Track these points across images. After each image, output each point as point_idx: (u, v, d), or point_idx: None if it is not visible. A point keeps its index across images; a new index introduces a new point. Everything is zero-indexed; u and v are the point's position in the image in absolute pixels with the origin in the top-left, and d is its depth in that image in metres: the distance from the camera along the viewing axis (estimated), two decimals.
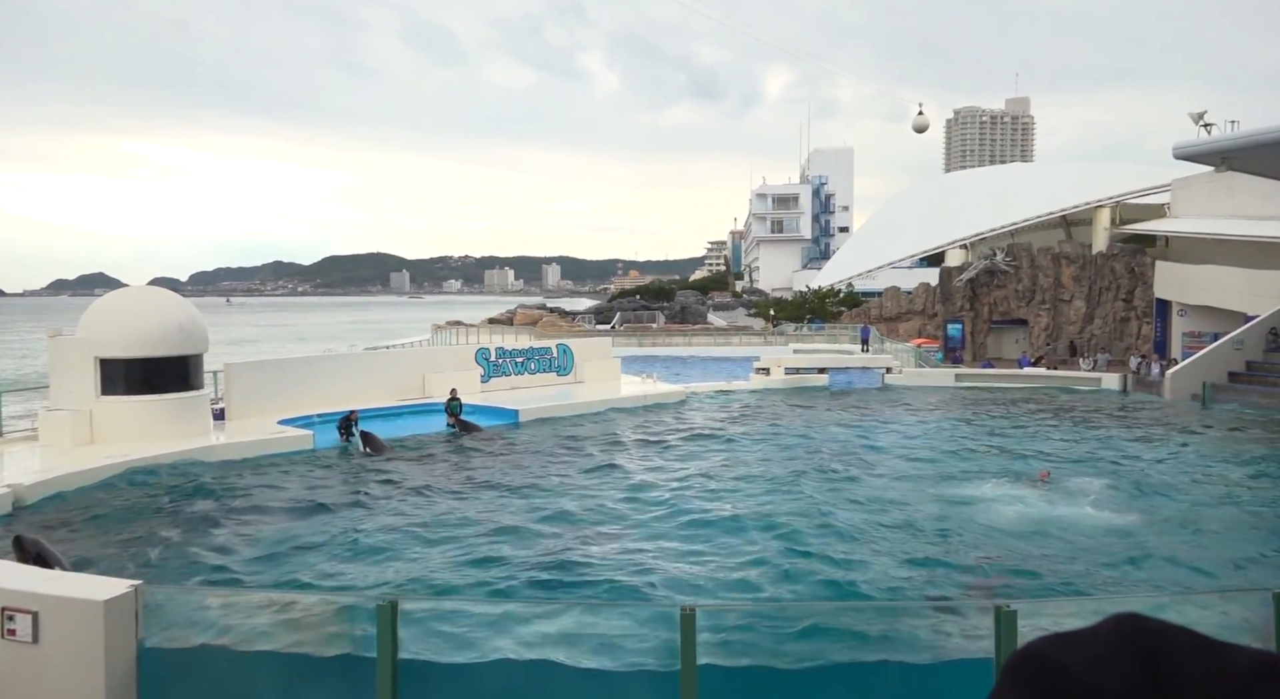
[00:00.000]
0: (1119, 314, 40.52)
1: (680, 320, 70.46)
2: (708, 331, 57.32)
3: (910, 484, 15.12)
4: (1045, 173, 59.68)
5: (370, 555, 11.01)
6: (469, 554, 10.97)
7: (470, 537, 11.78)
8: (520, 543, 11.50)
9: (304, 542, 11.62)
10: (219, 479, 15.49)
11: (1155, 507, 13.49)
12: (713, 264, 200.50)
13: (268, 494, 14.37)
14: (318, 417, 20.81)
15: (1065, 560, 10.70)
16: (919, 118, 55.66)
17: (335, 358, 24.90)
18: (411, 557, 10.96)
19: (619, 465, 16.83)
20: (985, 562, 10.76)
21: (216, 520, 12.65)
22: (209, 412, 19.41)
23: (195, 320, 18.66)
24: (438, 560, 10.77)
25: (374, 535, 11.86)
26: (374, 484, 15.16)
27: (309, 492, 14.59)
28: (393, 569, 10.45)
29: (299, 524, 12.52)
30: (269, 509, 13.35)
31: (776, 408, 25.32)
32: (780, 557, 10.78)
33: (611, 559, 10.80)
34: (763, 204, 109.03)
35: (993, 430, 21.16)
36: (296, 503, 13.76)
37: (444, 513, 13.10)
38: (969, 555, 10.99)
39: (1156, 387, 29.41)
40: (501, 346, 28.80)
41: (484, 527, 12.31)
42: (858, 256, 63.14)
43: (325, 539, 11.73)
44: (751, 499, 13.88)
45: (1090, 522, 12.53)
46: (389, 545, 11.43)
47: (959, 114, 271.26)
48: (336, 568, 10.50)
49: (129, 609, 6.52)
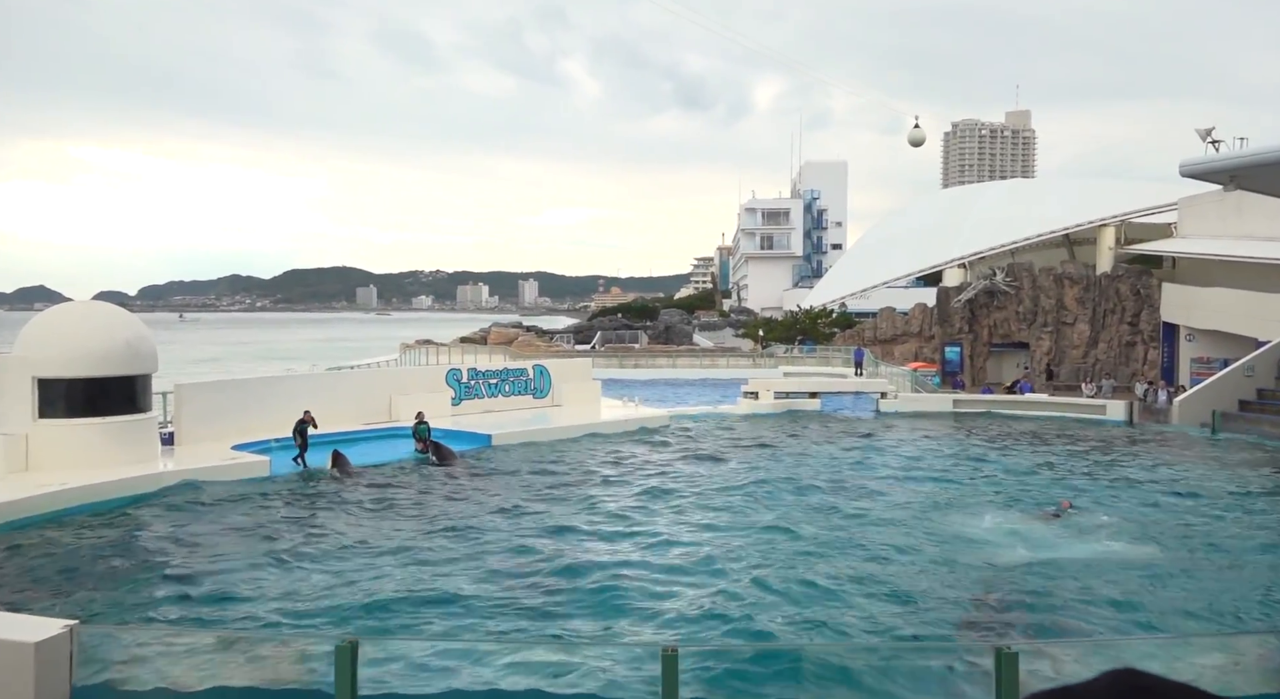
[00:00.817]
0: (1124, 338, 40.98)
1: (664, 341, 70.58)
2: (693, 353, 57.42)
3: (906, 517, 15.12)
4: (1047, 189, 60.50)
5: (329, 591, 10.85)
6: (436, 589, 10.83)
7: (437, 571, 11.64)
8: (492, 577, 11.37)
9: (258, 576, 11.43)
10: (167, 509, 15.26)
11: (1164, 542, 13.56)
12: (699, 282, 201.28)
13: (220, 524, 14.16)
14: (275, 441, 20.62)
15: (1068, 599, 10.71)
16: (915, 131, 56.34)
17: (295, 378, 24.71)
18: (374, 592, 10.80)
19: (597, 495, 16.74)
20: (984, 600, 10.76)
21: (163, 553, 12.44)
22: (157, 436, 19.16)
23: (143, 337, 18.45)
24: (402, 597, 10.62)
25: (333, 569, 11.70)
26: (334, 514, 14.98)
27: (265, 522, 14.40)
28: (353, 606, 10.30)
29: (253, 557, 12.32)
30: (221, 541, 13.14)
31: (766, 434, 25.34)
32: (765, 595, 10.73)
33: (588, 595, 10.71)
34: (752, 219, 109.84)
35: (992, 460, 21.27)
36: (251, 534, 13.56)
37: (409, 544, 12.95)
38: (967, 593, 10.99)
39: (1164, 415, 29.73)
40: (474, 367, 28.73)
41: (452, 559, 12.17)
42: (851, 275, 63.55)
43: (281, 574, 11.55)
44: (738, 532, 13.83)
45: (1095, 558, 12.58)
46: (350, 580, 11.27)
47: (957, 127, 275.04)
48: (293, 605, 10.33)
49: (63, 651, 6.37)
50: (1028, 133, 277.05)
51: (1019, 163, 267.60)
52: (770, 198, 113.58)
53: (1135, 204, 47.27)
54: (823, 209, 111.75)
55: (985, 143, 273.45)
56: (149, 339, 18.70)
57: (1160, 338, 39.18)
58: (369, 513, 15.13)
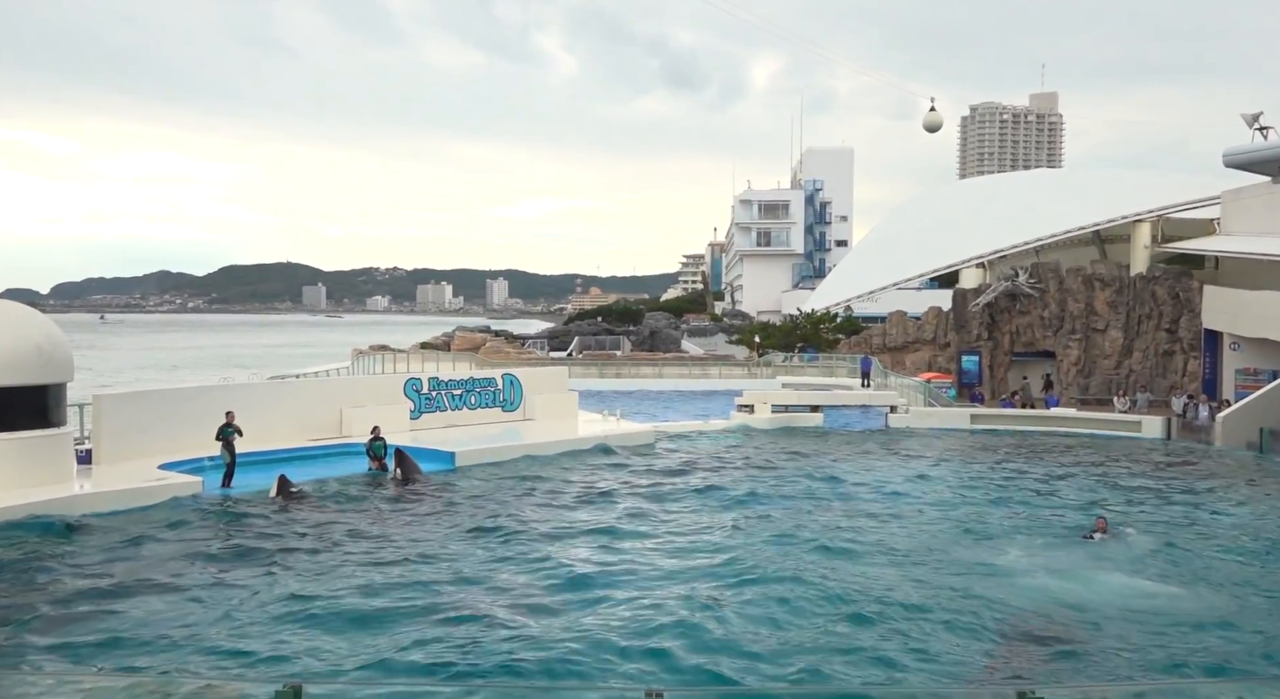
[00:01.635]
0: (1161, 347, 41.32)
1: (649, 348, 70.58)
2: (681, 361, 57.42)
3: (920, 546, 15.15)
4: (1075, 181, 60.97)
5: (270, 629, 10.74)
6: (389, 629, 10.75)
7: (392, 607, 11.55)
8: (453, 614, 11.29)
9: (188, 613, 11.30)
10: (83, 537, 15.07)
11: (1203, 577, 13.65)
12: (688, 282, 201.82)
13: (145, 555, 14.01)
14: (209, 459, 20.44)
15: (1097, 638, 10.76)
16: (930, 115, 56.66)
17: (232, 388, 24.52)
18: (319, 631, 10.70)
19: (573, 522, 16.69)
20: (1007, 640, 10.77)
21: (79, 589, 12.28)
22: (72, 453, 18.97)
23: (57, 342, 18.24)
24: (350, 636, 10.54)
25: (276, 606, 11.59)
26: (275, 542, 14.84)
27: (196, 552, 14.24)
28: (296, 646, 10.20)
29: (183, 592, 12.18)
30: (146, 574, 12.98)
31: (761, 452, 25.35)
32: (760, 634, 10.70)
33: (559, 635, 10.64)
34: (747, 212, 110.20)
35: (1015, 482, 21.35)
36: (180, 565, 13.42)
37: (362, 578, 12.85)
38: (988, 632, 11.00)
39: (1205, 432, 29.94)
40: (436, 377, 28.62)
41: (409, 594, 12.08)
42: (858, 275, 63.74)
43: (215, 610, 11.42)
44: (730, 565, 13.80)
45: (1126, 593, 12.63)
46: (292, 616, 11.16)
47: (976, 111, 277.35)
48: (229, 645, 10.22)
49: None
50: (1054, 117, 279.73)
51: (1044, 151, 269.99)
52: (768, 189, 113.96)
53: (1174, 198, 47.63)
54: (826, 201, 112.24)
55: (1007, 128, 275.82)
56: (63, 344, 18.48)
57: (1201, 347, 39.47)
58: (315, 541, 14.99)
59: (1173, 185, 50.43)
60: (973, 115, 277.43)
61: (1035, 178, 71.69)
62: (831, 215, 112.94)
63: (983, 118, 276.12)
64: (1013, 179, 70.42)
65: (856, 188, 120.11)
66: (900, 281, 56.65)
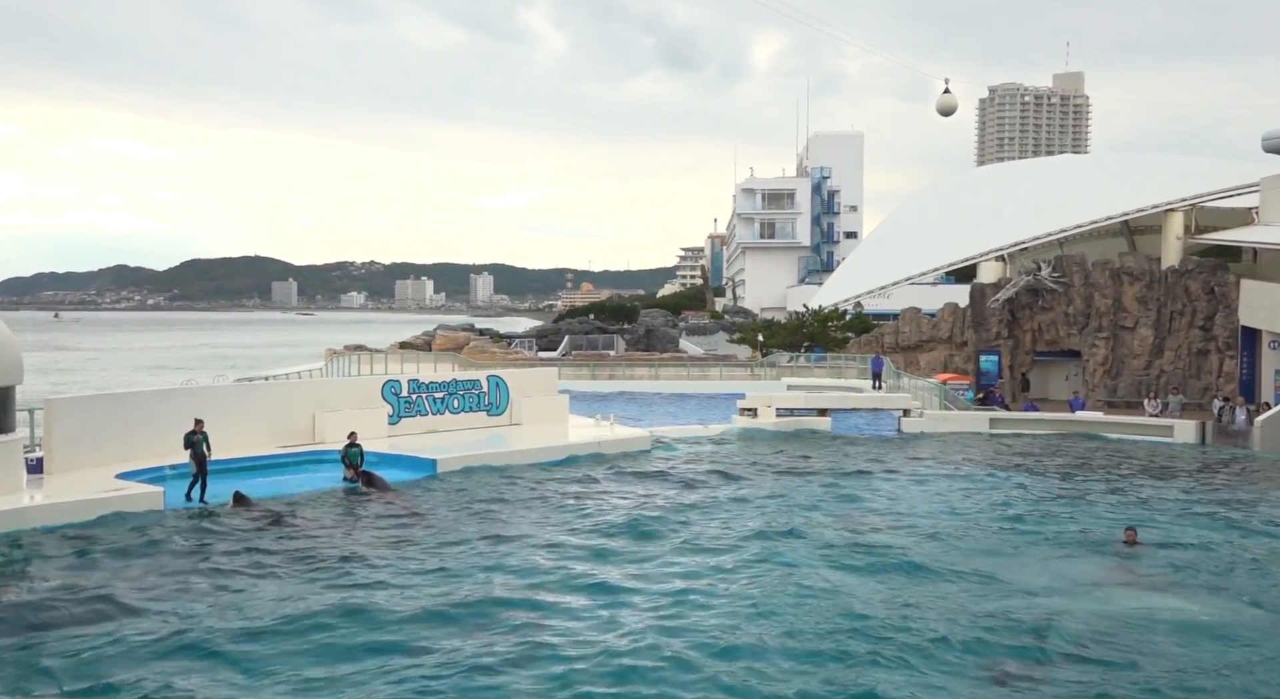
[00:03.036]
0: (1195, 345, 41.32)
1: (645, 347, 70.52)
2: (679, 362, 57.36)
3: (933, 561, 15.11)
4: (1102, 167, 61.04)
5: (236, 656, 10.68)
6: (361, 658, 10.71)
7: (366, 633, 11.51)
8: (432, 642, 11.26)
9: (147, 637, 11.23)
10: (33, 552, 14.97)
11: (1244, 596, 13.62)
12: (687, 277, 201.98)
13: (102, 573, 13.92)
14: (171, 468, 20.34)
15: (1127, 665, 10.74)
16: (944, 97, 56.65)
17: (196, 392, 24.43)
18: (290, 658, 10.65)
19: (564, 537, 16.63)
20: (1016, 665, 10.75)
21: (29, 609, 12.19)
22: (21, 462, 18.86)
23: (4, 341, 18.19)
24: (322, 664, 10.49)
25: (244, 628, 11.52)
26: (241, 560, 14.77)
27: (157, 570, 14.18)
28: (264, 676, 10.14)
29: (142, 614, 12.12)
30: (102, 594, 12.90)
31: (765, 459, 25.31)
32: (759, 664, 10.64)
33: (542, 668, 10.60)
34: (750, 202, 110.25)
35: (1038, 491, 21.31)
36: (140, 585, 13.34)
37: (334, 600, 12.78)
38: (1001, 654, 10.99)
39: (1242, 437, 29.96)
40: (416, 379, 28.55)
41: (385, 621, 12.02)
42: (868, 269, 63.72)
43: (176, 635, 11.35)
44: (731, 587, 13.78)
45: (1159, 615, 12.57)
46: (259, 641, 11.11)
47: (995, 92, 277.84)
48: (187, 673, 10.17)
49: None
50: (1079, 99, 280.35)
51: (1069, 135, 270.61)
52: (772, 177, 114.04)
53: (1209, 185, 47.66)
54: (834, 190, 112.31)
55: (1029, 111, 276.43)
56: (12, 343, 18.43)
57: (1238, 345, 39.46)
58: (282, 562, 14.90)
59: (1207, 172, 50.43)
60: (992, 97, 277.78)
61: (1059, 164, 71.73)
62: (840, 205, 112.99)
63: (1002, 100, 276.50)
64: (1035, 166, 70.46)
65: (867, 175, 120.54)
66: (914, 276, 56.63)
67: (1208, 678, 10.41)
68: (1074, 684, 10.16)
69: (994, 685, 10.13)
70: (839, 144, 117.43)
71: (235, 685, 9.89)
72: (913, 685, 9.96)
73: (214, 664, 10.41)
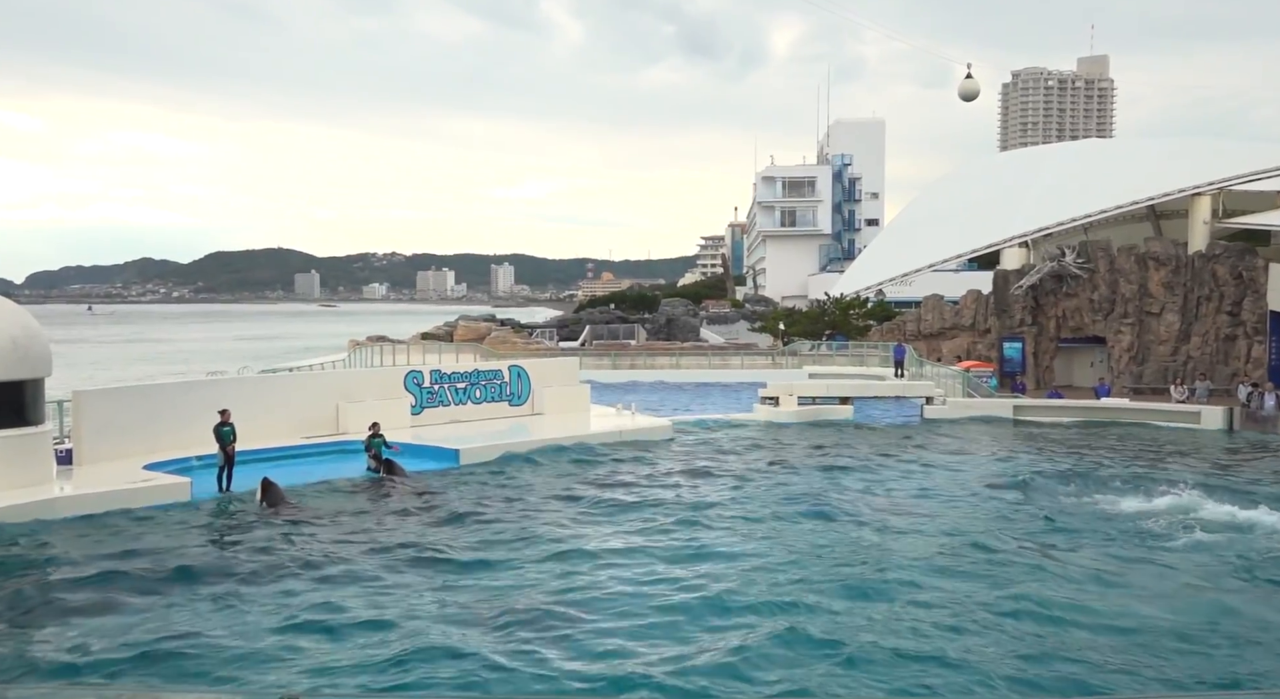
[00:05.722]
0: (1222, 331, 40.95)
1: (666, 336, 70.62)
2: (700, 351, 57.41)
3: (962, 550, 15.08)
4: (1128, 152, 60.51)
5: (262, 642, 10.78)
6: (386, 643, 10.78)
7: (390, 621, 11.58)
8: (454, 631, 11.32)
9: (178, 626, 11.35)
10: (64, 543, 15.15)
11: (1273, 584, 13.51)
12: (707, 266, 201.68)
13: (130, 563, 14.06)
14: (198, 459, 20.55)
15: (1151, 652, 10.69)
16: (966, 82, 56.34)
17: (221, 383, 24.63)
18: (314, 645, 10.74)
19: (584, 527, 16.68)
20: None
21: (60, 599, 12.35)
22: (51, 454, 19.07)
23: (33, 334, 18.32)
24: (348, 651, 10.57)
25: (274, 616, 11.64)
26: (268, 549, 14.89)
27: (184, 559, 14.30)
28: (290, 662, 10.24)
29: (171, 602, 12.25)
30: (131, 583, 13.05)
31: (787, 448, 25.30)
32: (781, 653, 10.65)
33: (568, 656, 10.64)
34: (770, 190, 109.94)
35: (1066, 481, 21.16)
36: (167, 574, 13.47)
37: (357, 589, 12.89)
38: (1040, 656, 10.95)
39: (1271, 423, 29.70)
40: (438, 369, 28.67)
41: (407, 609, 12.11)
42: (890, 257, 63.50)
43: (205, 622, 11.49)
44: (754, 577, 13.79)
45: (1185, 604, 12.48)
46: (286, 627, 11.22)
47: (1018, 77, 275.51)
48: (219, 660, 10.28)
49: None
50: (1104, 83, 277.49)
51: (1093, 119, 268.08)
52: (792, 164, 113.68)
53: (1237, 168, 47.18)
54: (855, 178, 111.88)
55: (1053, 95, 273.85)
56: (40, 336, 18.56)
57: (1267, 331, 39.12)
58: (309, 549, 15.03)
59: (1235, 155, 49.91)
60: (1015, 82, 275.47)
61: (1083, 149, 71.12)
62: (861, 192, 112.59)
63: (1026, 84, 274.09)
64: (1059, 151, 69.86)
65: (888, 162, 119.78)
66: (936, 263, 56.40)
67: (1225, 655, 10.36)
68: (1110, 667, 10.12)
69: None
70: (860, 131, 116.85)
71: (275, 663, 9.98)
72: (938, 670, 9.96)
73: (252, 646, 10.51)
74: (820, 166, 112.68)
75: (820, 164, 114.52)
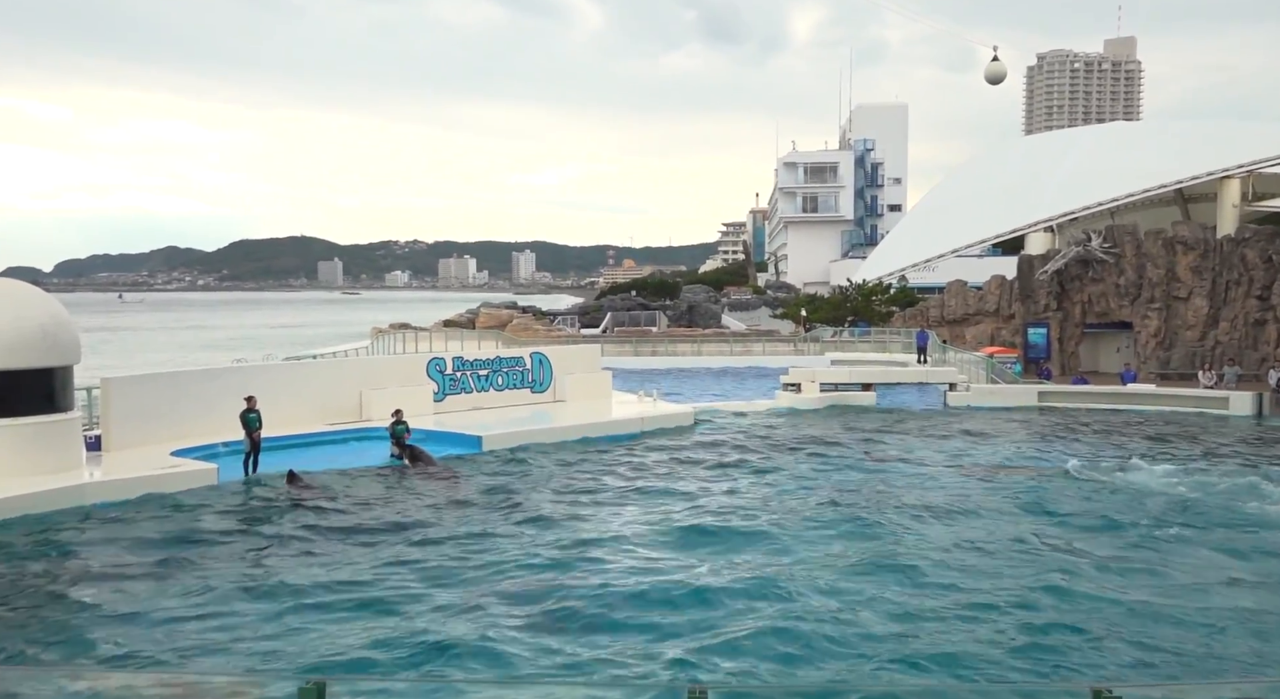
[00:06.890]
0: (1251, 316, 40.56)
1: (687, 323, 70.57)
2: (722, 337, 57.35)
3: (988, 536, 15.08)
4: (1155, 135, 59.97)
5: (291, 624, 10.94)
6: (410, 623, 10.90)
7: (414, 602, 11.71)
8: (476, 611, 11.44)
9: (205, 608, 11.53)
10: (94, 528, 15.38)
11: None
12: (728, 252, 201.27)
13: (158, 547, 14.27)
14: (224, 445, 20.76)
15: (1178, 639, 10.68)
16: (992, 65, 55.96)
17: (246, 370, 24.83)
18: (340, 627, 10.87)
19: (608, 515, 16.76)
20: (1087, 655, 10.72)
21: (90, 582, 12.57)
22: (80, 440, 19.32)
23: (62, 322, 18.55)
24: (374, 632, 10.69)
25: (294, 600, 11.79)
26: (293, 533, 15.06)
27: (211, 543, 14.50)
28: (318, 642, 10.38)
29: (198, 585, 12.41)
30: (159, 567, 13.25)
31: (809, 434, 25.29)
32: (805, 628, 10.72)
33: (591, 641, 10.74)
34: (792, 175, 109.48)
35: (1094, 468, 21.08)
36: (195, 558, 13.67)
37: (383, 570, 13.03)
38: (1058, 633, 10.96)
39: None
40: (461, 356, 28.80)
41: (433, 590, 12.24)
42: (913, 242, 63.28)
43: (233, 604, 11.66)
44: (774, 558, 13.86)
45: (1212, 591, 12.46)
46: (313, 610, 11.37)
47: (1044, 60, 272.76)
48: (248, 641, 10.43)
49: None
50: (1131, 65, 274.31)
51: (1120, 102, 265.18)
52: (814, 150, 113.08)
53: (1266, 151, 46.71)
54: (878, 163, 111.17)
55: (1079, 78, 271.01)
56: (69, 324, 18.80)
57: None
58: (335, 534, 15.19)
59: (1264, 138, 49.39)
60: (1040, 64, 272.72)
61: (1110, 132, 70.49)
62: (884, 178, 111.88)
63: (1051, 67, 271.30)
64: (1085, 134, 69.30)
65: (911, 147, 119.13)
66: (960, 249, 56.18)
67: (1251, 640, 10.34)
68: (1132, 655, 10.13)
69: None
70: (882, 116, 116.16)
71: (302, 646, 10.11)
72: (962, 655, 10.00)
73: (278, 628, 10.67)
74: (842, 152, 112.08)
75: (842, 149, 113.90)
